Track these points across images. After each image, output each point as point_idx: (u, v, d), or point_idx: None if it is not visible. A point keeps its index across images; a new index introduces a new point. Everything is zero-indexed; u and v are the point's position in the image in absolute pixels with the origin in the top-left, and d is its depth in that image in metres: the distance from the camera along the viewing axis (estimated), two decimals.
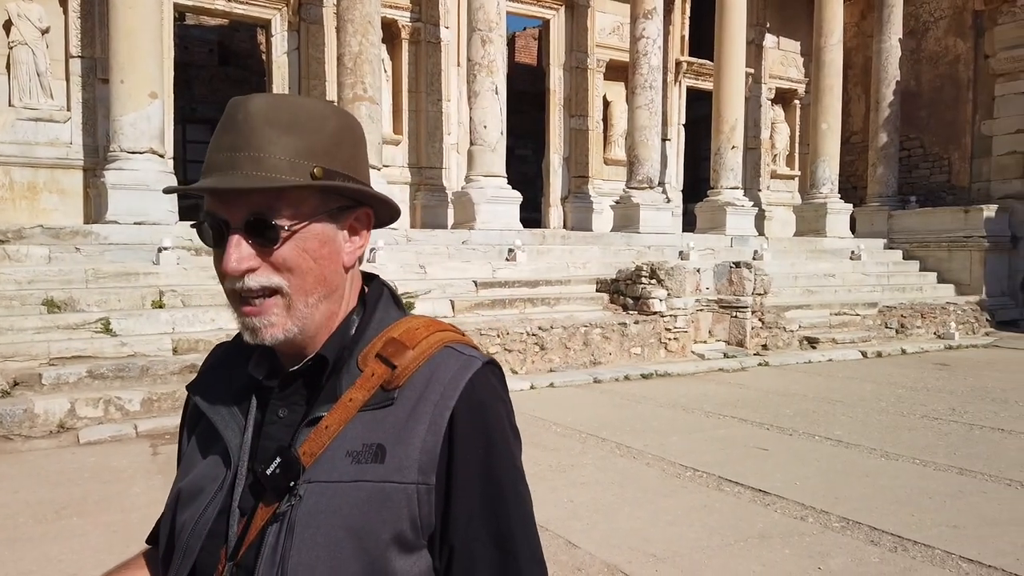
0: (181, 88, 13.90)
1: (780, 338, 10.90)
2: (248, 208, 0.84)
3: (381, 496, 0.83)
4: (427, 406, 0.86)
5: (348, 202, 0.90)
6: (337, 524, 0.82)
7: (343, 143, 0.89)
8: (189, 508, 0.90)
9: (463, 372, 0.88)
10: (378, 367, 0.88)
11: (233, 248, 0.83)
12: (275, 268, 0.85)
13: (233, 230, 0.84)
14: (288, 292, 0.86)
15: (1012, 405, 7.33)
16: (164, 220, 8.98)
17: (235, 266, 0.83)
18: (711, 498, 4.54)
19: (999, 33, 14.97)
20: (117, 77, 8.94)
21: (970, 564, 3.53)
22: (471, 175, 11.74)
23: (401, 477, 0.83)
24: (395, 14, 12.58)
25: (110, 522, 4.05)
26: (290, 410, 0.90)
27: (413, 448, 0.84)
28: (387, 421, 0.86)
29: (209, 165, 0.85)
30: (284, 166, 0.83)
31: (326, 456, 0.85)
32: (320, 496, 0.83)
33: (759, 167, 17.08)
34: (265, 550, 0.83)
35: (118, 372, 6.63)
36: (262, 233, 0.84)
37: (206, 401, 0.95)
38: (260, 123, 0.84)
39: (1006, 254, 14.67)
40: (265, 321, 0.85)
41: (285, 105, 0.87)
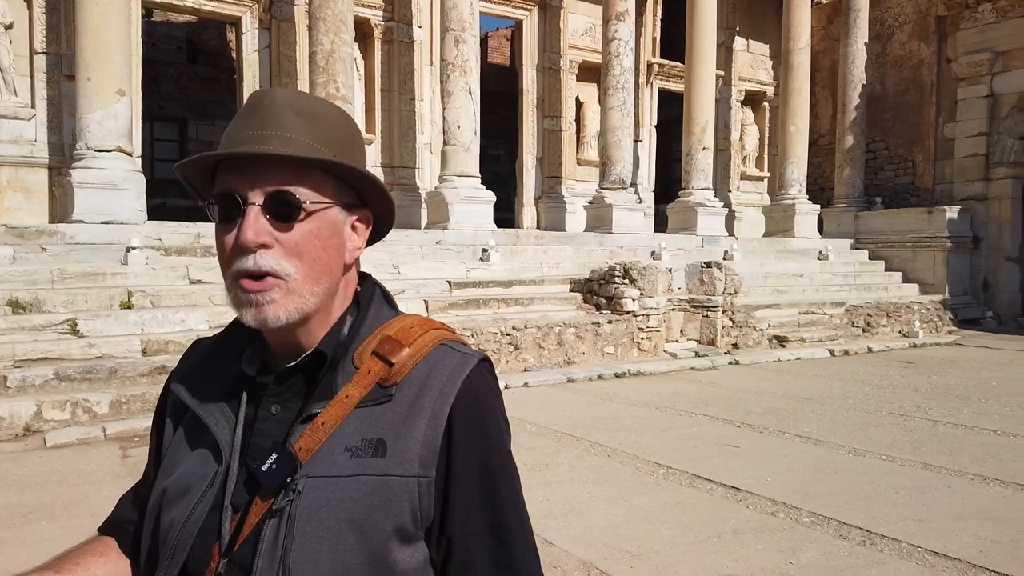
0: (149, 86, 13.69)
1: (750, 337, 11.04)
2: (272, 183, 0.85)
3: (383, 489, 0.84)
4: (426, 402, 0.88)
5: (355, 200, 0.93)
6: (340, 518, 0.83)
7: (354, 145, 0.93)
8: (177, 506, 0.89)
9: (460, 369, 0.91)
10: (375, 364, 0.89)
11: (251, 220, 0.84)
12: (286, 251, 0.86)
13: (251, 204, 0.85)
14: (296, 279, 0.86)
15: (974, 402, 7.51)
16: (132, 219, 8.84)
17: (252, 237, 0.83)
18: (684, 495, 4.60)
19: (961, 38, 15.33)
20: (84, 74, 8.78)
21: (936, 557, 3.62)
22: (445, 175, 11.73)
23: (403, 471, 0.85)
24: (368, 13, 12.51)
25: (80, 526, 3.99)
26: (283, 406, 0.91)
27: (414, 442, 0.86)
28: (386, 417, 0.87)
29: (231, 142, 0.86)
30: (309, 148, 0.86)
31: (323, 452, 0.86)
32: (320, 491, 0.84)
33: (729, 168, 17.28)
34: (263, 545, 0.83)
35: (86, 374, 6.52)
36: (282, 209, 0.85)
37: (193, 397, 0.94)
38: (285, 109, 0.87)
39: (968, 254, 15.03)
40: (268, 297, 0.85)
41: (307, 99, 0.91)
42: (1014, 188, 14.94)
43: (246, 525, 0.85)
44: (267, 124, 0.85)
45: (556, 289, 10.79)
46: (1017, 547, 3.74)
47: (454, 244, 10.98)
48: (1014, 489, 4.68)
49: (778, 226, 16.15)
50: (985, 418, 6.74)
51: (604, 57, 13.61)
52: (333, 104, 0.94)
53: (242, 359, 0.95)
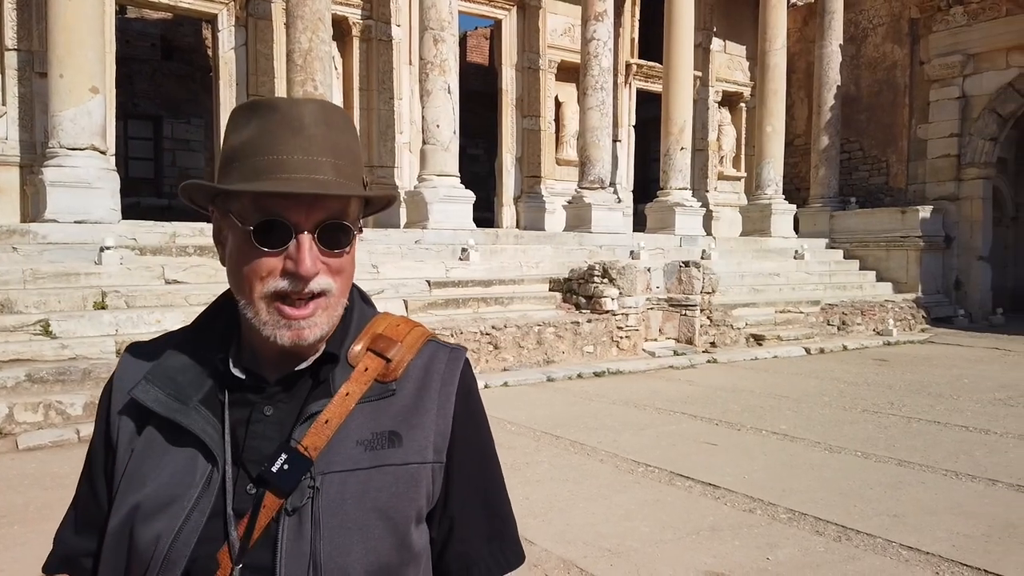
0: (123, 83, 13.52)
1: (728, 335, 11.14)
2: (325, 212, 0.87)
3: (407, 476, 0.90)
4: (432, 393, 0.95)
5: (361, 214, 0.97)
6: (366, 508, 0.87)
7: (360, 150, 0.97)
8: (162, 518, 0.85)
9: (455, 363, 0.99)
10: (371, 361, 0.93)
11: (308, 250, 0.86)
12: (331, 273, 0.89)
13: (302, 232, 0.86)
14: (335, 294, 0.90)
15: (947, 399, 7.64)
16: (106, 219, 8.72)
17: (312, 267, 0.86)
18: (663, 493, 4.63)
19: (933, 40, 15.57)
20: (56, 71, 8.64)
21: (910, 551, 3.68)
22: (424, 174, 11.69)
23: (421, 458, 0.91)
24: (346, 11, 12.44)
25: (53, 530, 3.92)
26: (276, 407, 0.91)
27: (428, 431, 0.93)
28: (391, 410, 0.92)
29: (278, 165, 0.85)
30: (353, 177, 0.90)
31: (333, 448, 0.88)
32: (342, 485, 0.87)
33: (707, 168, 17.41)
34: (283, 545, 0.84)
35: (59, 375, 6.41)
36: (334, 237, 0.88)
37: (165, 404, 0.90)
38: (325, 130, 0.88)
39: (940, 253, 15.27)
40: (312, 322, 0.88)
41: (335, 114, 0.92)
42: (985, 188, 15.20)
43: (256, 528, 0.84)
44: (313, 149, 0.86)
45: (536, 288, 10.80)
46: (988, 541, 3.81)
47: (433, 244, 10.96)
48: (985, 484, 4.76)
49: (755, 226, 16.30)
50: (957, 415, 6.85)
51: (583, 57, 13.64)
52: (340, 111, 0.94)
53: (230, 362, 0.93)
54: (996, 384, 8.43)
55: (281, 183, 0.84)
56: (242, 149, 0.87)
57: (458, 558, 0.97)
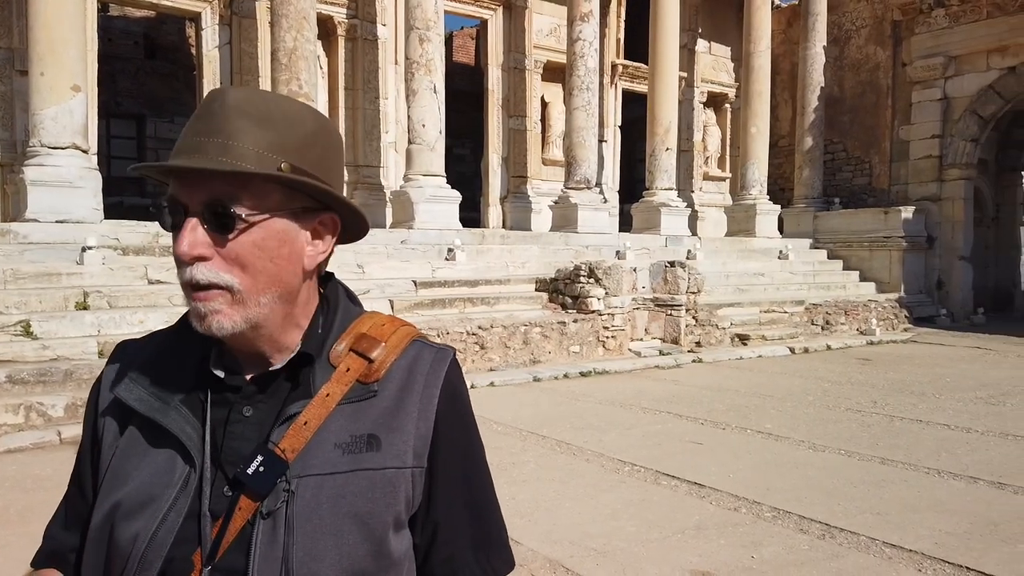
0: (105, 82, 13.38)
1: (713, 335, 11.19)
2: (209, 193, 0.83)
3: (384, 481, 0.87)
4: (413, 396, 0.91)
5: (314, 204, 0.89)
6: (341, 513, 0.85)
7: (316, 145, 0.88)
8: (140, 518, 0.85)
9: (440, 363, 0.95)
10: (353, 362, 0.90)
11: (188, 232, 0.83)
12: (227, 262, 0.84)
13: (191, 214, 0.83)
14: (239, 290, 0.84)
15: (929, 398, 7.71)
16: (88, 218, 8.63)
17: (186, 249, 0.82)
18: (649, 492, 4.64)
19: (915, 42, 15.72)
20: (37, 69, 8.55)
21: (892, 549, 3.71)
22: (410, 174, 11.67)
23: (400, 463, 0.88)
24: (331, 10, 12.40)
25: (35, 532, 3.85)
26: (255, 408, 0.89)
27: (407, 434, 0.89)
28: (372, 412, 0.89)
29: (177, 149, 0.84)
30: (251, 156, 0.83)
31: (311, 451, 0.86)
32: (318, 489, 0.85)
33: (692, 169, 17.49)
34: (257, 548, 0.83)
35: (40, 376, 6.34)
36: (219, 220, 0.83)
37: (146, 403, 0.90)
38: (233, 113, 0.84)
39: (923, 253, 15.42)
40: (212, 307, 0.84)
41: (261, 99, 0.87)
42: (966, 189, 15.36)
43: (230, 530, 0.83)
44: (210, 130, 0.83)
45: (522, 288, 10.81)
46: (970, 538, 3.85)
47: (419, 244, 10.94)
48: (967, 482, 4.81)
49: (740, 226, 16.39)
50: (939, 413, 6.92)
51: (569, 58, 13.67)
52: (295, 102, 0.91)
53: (210, 361, 0.91)
54: (977, 383, 8.53)
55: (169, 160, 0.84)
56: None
57: (442, 564, 0.94)
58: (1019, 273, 17.37)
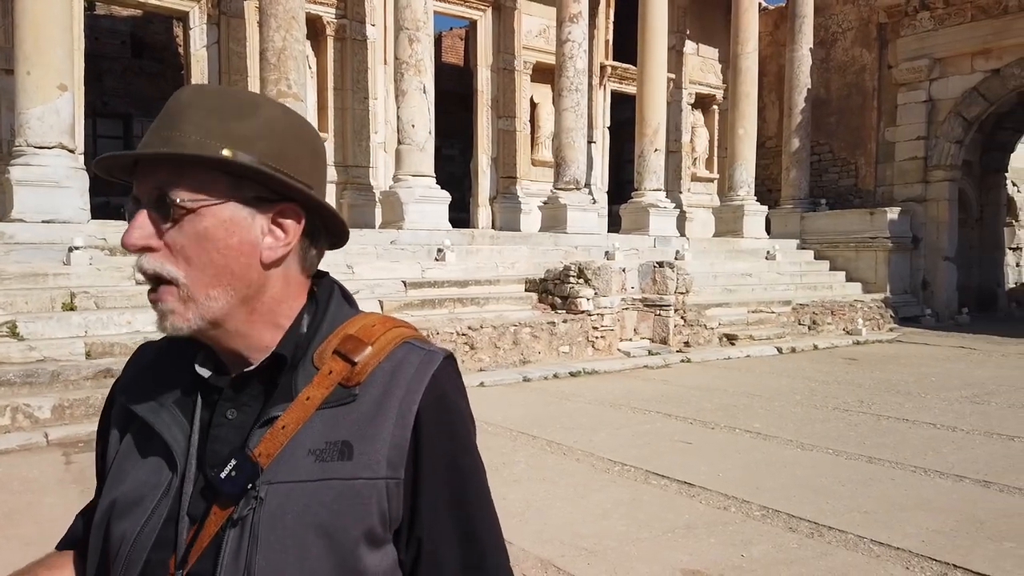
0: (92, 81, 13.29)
1: (701, 335, 11.24)
2: (152, 182, 0.82)
3: (352, 493, 0.82)
4: (393, 401, 0.85)
5: (269, 193, 0.85)
6: (306, 524, 0.80)
7: (274, 135, 0.85)
8: (128, 518, 0.85)
9: (426, 367, 0.88)
10: (336, 364, 0.86)
11: (136, 221, 0.82)
12: (173, 253, 0.82)
13: (143, 206, 0.83)
14: (184, 284, 0.82)
15: (915, 397, 7.78)
16: (75, 218, 8.57)
17: (129, 238, 0.82)
18: (639, 491, 4.66)
19: (901, 45, 15.85)
20: (23, 68, 8.48)
21: (880, 547, 3.74)
22: (399, 174, 11.66)
23: (371, 473, 0.83)
24: (320, 10, 12.37)
25: (22, 535, 3.86)
26: (240, 411, 0.87)
27: (382, 443, 0.84)
28: (350, 418, 0.85)
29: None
30: (190, 143, 0.81)
31: (285, 456, 0.82)
32: (285, 497, 0.81)
33: (680, 170, 17.57)
34: (225, 556, 0.80)
35: (26, 378, 6.29)
36: (162, 209, 0.82)
37: (142, 403, 0.90)
38: (184, 107, 0.83)
39: (908, 254, 15.55)
40: (165, 307, 0.83)
41: (216, 93, 0.86)
42: (951, 190, 15.51)
43: (203, 535, 0.82)
44: (160, 125, 0.83)
45: (512, 289, 10.82)
46: (956, 536, 3.89)
47: (409, 244, 10.93)
48: (953, 480, 4.86)
49: (727, 227, 16.47)
50: (925, 412, 6.98)
51: (558, 59, 13.70)
52: (254, 95, 0.89)
53: (196, 361, 0.90)
54: (962, 382, 8.61)
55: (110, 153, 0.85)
56: None
57: None
58: (1003, 273, 17.56)
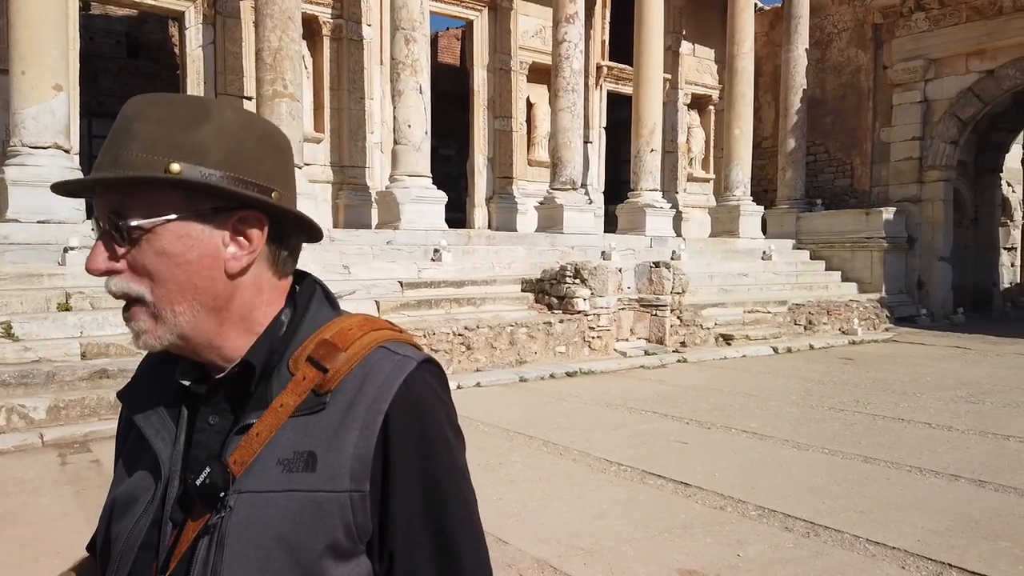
0: (87, 81, 13.25)
1: (697, 335, 11.26)
2: (107, 205, 0.82)
3: (312, 506, 0.80)
4: (359, 410, 0.83)
5: (224, 203, 0.83)
6: (268, 535, 0.79)
7: (226, 140, 0.82)
8: (123, 519, 0.87)
9: (397, 373, 0.85)
10: (309, 371, 0.84)
11: (97, 247, 0.82)
12: (136, 274, 0.82)
13: (101, 230, 0.83)
14: (151, 301, 0.82)
15: (911, 396, 7.80)
16: (70, 219, 8.55)
17: (92, 264, 0.82)
18: (635, 491, 4.67)
19: (896, 45, 15.89)
20: (18, 68, 8.45)
21: (876, 546, 3.75)
22: (395, 174, 11.65)
23: (333, 486, 0.81)
24: (316, 10, 12.35)
25: (17, 536, 3.85)
26: (221, 416, 0.87)
27: (345, 455, 0.81)
28: (318, 427, 0.83)
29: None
30: (138, 162, 0.79)
31: (257, 465, 0.82)
32: (251, 507, 0.80)
33: (676, 170, 17.58)
34: (197, 564, 0.80)
35: (21, 379, 6.28)
36: (115, 232, 0.81)
37: (136, 409, 0.91)
38: (131, 121, 0.82)
39: (903, 254, 15.60)
40: (137, 327, 0.83)
41: (163, 102, 0.83)
42: (946, 191, 15.56)
43: (181, 541, 0.82)
44: (112, 143, 0.82)
45: (508, 289, 10.82)
46: (952, 535, 3.90)
47: (405, 244, 10.92)
48: (948, 480, 4.88)
49: (723, 227, 16.50)
50: (920, 412, 7.00)
51: (554, 59, 13.70)
52: (205, 100, 0.86)
53: (178, 368, 0.90)
54: (957, 382, 8.64)
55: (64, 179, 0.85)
56: None
57: None
58: (998, 273, 17.62)
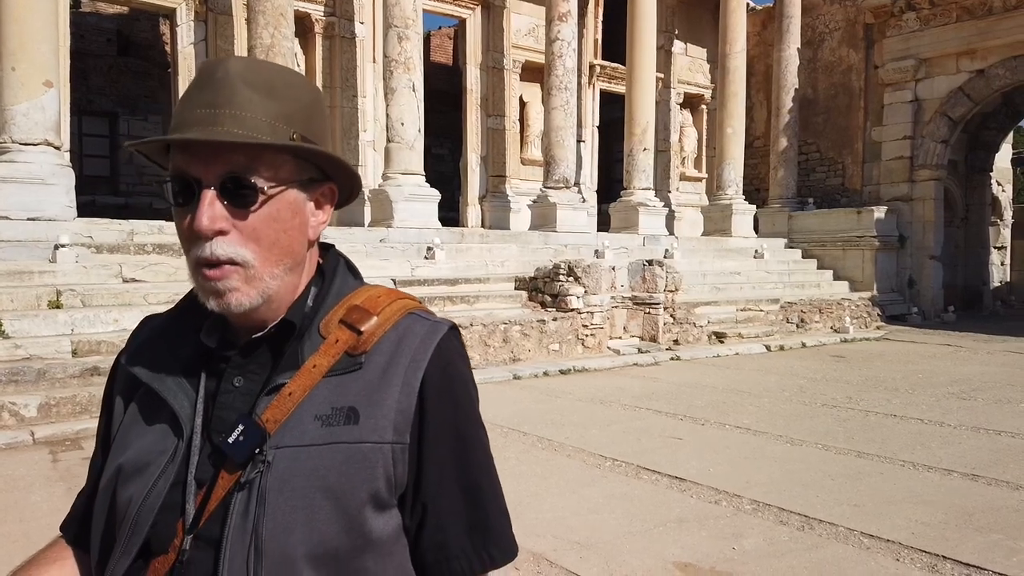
0: (77, 79, 13.18)
1: (690, 333, 11.28)
2: (226, 166, 0.82)
3: (359, 456, 0.84)
4: (399, 369, 0.88)
5: (318, 174, 0.91)
6: (314, 486, 0.83)
7: (316, 115, 0.90)
8: (135, 483, 0.87)
9: (432, 336, 0.91)
10: (342, 333, 0.89)
11: (206, 206, 0.81)
12: (243, 236, 0.84)
13: (205, 187, 0.82)
14: (254, 264, 0.84)
15: (902, 393, 7.84)
16: (61, 216, 8.49)
17: (207, 224, 0.81)
18: (630, 486, 4.67)
19: (887, 45, 15.97)
20: (8, 64, 8.39)
21: (870, 539, 3.76)
22: (388, 173, 11.63)
23: (377, 437, 0.85)
24: (308, 7, 12.33)
25: (8, 533, 3.82)
26: (246, 378, 0.89)
27: (388, 409, 0.86)
28: (356, 385, 0.87)
29: (182, 121, 0.83)
30: (265, 127, 0.83)
31: (292, 422, 0.85)
32: (292, 460, 0.83)
33: (669, 169, 17.62)
34: (232, 519, 0.82)
35: (12, 376, 6.22)
36: (238, 193, 0.83)
37: (149, 371, 0.91)
38: (239, 83, 0.83)
39: (895, 253, 15.67)
40: (229, 285, 0.84)
41: (263, 69, 0.87)
42: (936, 190, 15.65)
43: (212, 499, 0.84)
44: (219, 101, 0.82)
45: (501, 287, 10.81)
46: (945, 528, 3.92)
47: (398, 242, 10.90)
48: (941, 474, 4.90)
49: (716, 226, 16.54)
50: (913, 408, 7.03)
51: (547, 57, 13.71)
52: (289, 70, 0.91)
53: (201, 331, 0.92)
54: (949, 379, 8.68)
55: (174, 133, 0.83)
56: (175, 110, 0.87)
57: (434, 549, 0.90)
58: (988, 272, 17.73)
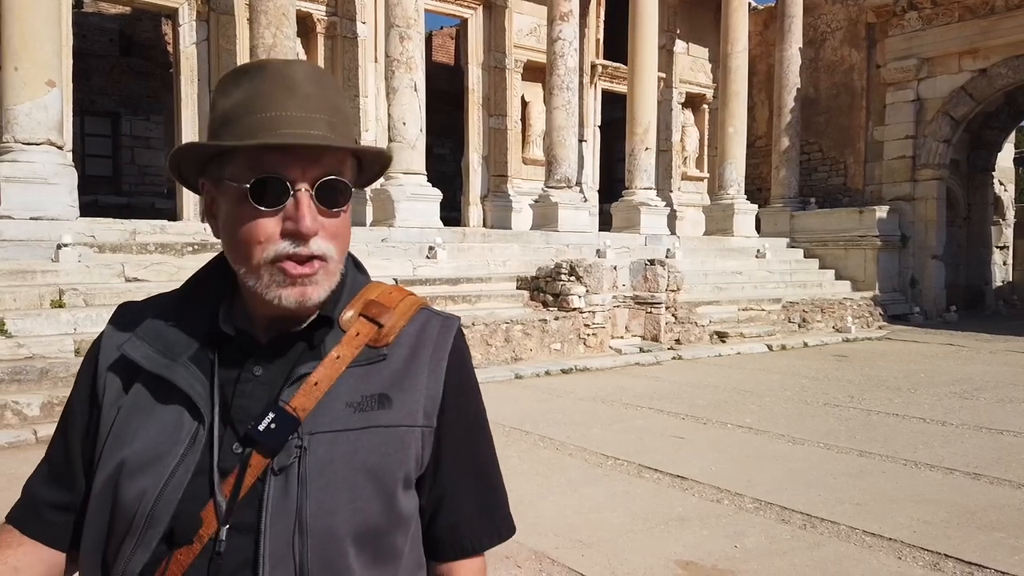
0: (80, 79, 13.19)
1: (692, 333, 11.28)
2: (322, 168, 0.87)
3: (395, 439, 0.90)
4: (423, 359, 0.95)
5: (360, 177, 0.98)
6: (355, 468, 0.87)
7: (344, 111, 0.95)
8: (146, 474, 0.85)
9: (448, 329, 0.99)
10: (363, 327, 0.94)
11: (308, 207, 0.85)
12: (329, 236, 0.88)
13: (301, 190, 0.85)
14: (335, 259, 0.90)
15: (904, 392, 7.83)
16: (64, 215, 8.51)
17: (312, 225, 0.85)
18: (632, 485, 4.67)
19: (889, 44, 15.96)
20: (11, 64, 8.41)
21: (872, 537, 3.77)
22: (390, 172, 11.62)
23: (412, 421, 0.92)
24: (310, 7, 12.34)
25: None
26: (265, 368, 0.91)
27: (418, 394, 0.93)
28: (382, 374, 0.92)
29: (268, 124, 0.84)
30: (345, 132, 0.89)
31: (322, 409, 0.88)
32: (330, 445, 0.87)
33: (671, 169, 17.61)
34: (269, 503, 0.84)
35: (15, 375, 6.24)
36: (331, 195, 0.88)
37: (155, 360, 0.90)
38: (318, 89, 0.88)
39: (897, 252, 15.66)
40: (315, 280, 0.88)
41: (323, 73, 0.93)
42: (939, 189, 15.63)
43: (243, 487, 0.85)
44: (310, 106, 0.86)
45: (503, 287, 10.82)
46: (947, 526, 3.92)
47: (400, 242, 10.91)
48: (943, 473, 4.90)
49: (718, 225, 16.53)
50: (915, 407, 7.03)
51: (549, 57, 13.71)
52: (329, 74, 0.96)
53: (219, 320, 0.92)
54: (951, 378, 8.67)
55: (280, 137, 0.84)
56: (234, 111, 0.86)
57: (450, 528, 0.97)
58: (990, 272, 17.71)
